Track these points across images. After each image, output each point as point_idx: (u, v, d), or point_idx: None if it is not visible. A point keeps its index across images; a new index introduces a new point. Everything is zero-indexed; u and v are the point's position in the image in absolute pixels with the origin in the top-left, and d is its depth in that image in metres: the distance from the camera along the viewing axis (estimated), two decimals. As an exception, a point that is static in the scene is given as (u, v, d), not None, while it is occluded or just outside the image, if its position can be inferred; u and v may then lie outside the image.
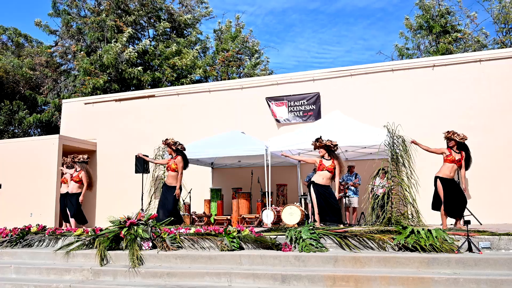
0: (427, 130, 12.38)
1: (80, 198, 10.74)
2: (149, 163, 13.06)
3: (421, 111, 12.87)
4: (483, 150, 11.61)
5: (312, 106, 13.95)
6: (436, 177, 8.74)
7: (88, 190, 10.96)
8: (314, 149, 9.54)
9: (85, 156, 11.15)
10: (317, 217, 8.96)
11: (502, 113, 12.22)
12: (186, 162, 10.09)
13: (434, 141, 11.69)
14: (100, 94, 21.10)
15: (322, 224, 8.74)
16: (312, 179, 9.32)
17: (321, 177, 9.14)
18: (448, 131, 8.85)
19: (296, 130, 12.31)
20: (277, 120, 14.24)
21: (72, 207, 10.75)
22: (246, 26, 28.98)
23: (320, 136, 9.37)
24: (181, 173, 9.88)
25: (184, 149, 10.20)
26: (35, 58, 26.09)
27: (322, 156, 9.30)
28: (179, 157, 9.93)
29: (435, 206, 8.87)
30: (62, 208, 11.23)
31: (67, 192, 10.99)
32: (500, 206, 11.50)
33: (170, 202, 9.74)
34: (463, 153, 8.79)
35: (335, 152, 9.39)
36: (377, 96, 13.40)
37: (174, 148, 10.04)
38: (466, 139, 8.77)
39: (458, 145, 8.78)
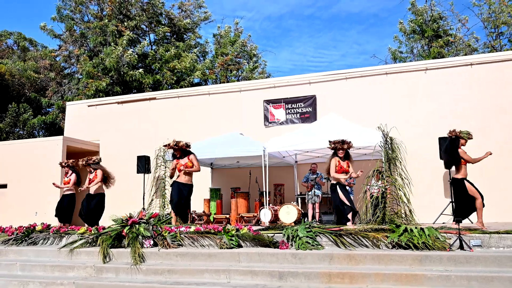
0: (420, 132, 12.44)
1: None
2: (150, 163, 13.04)
3: (415, 113, 12.89)
4: (476, 151, 11.54)
5: (309, 108, 13.96)
6: (462, 179, 8.37)
7: (105, 185, 10.67)
8: (338, 150, 9.21)
9: (98, 157, 10.99)
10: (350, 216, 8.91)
11: (494, 115, 12.25)
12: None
13: (427, 142, 11.79)
14: (102, 96, 21.11)
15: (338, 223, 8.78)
16: (335, 182, 9.14)
17: (342, 178, 9.11)
18: (455, 131, 8.58)
19: (293, 131, 12.31)
20: (275, 122, 14.25)
21: (92, 207, 10.38)
22: (245, 31, 29.09)
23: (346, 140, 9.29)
24: (199, 167, 9.92)
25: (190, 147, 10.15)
26: (39, 61, 26.10)
27: (340, 158, 9.18)
28: (193, 155, 9.88)
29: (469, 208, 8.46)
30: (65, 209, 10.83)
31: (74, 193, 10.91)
32: (492, 206, 11.50)
33: (182, 197, 9.69)
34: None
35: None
36: (372, 98, 13.41)
37: (188, 149, 9.94)
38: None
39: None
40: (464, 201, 8.32)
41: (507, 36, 23.38)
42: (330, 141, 9.32)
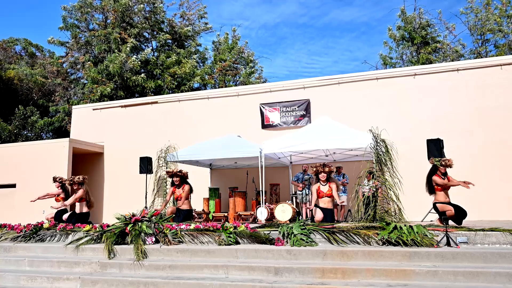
0: (409, 134, 12.47)
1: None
2: (152, 164, 13.04)
3: (404, 116, 12.92)
4: (462, 152, 11.66)
5: (303, 111, 13.98)
6: (434, 203, 8.43)
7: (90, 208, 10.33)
8: (320, 173, 9.28)
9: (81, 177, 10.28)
10: None
11: (479, 118, 12.30)
12: (192, 190, 10.38)
13: (416, 144, 11.81)
14: (107, 100, 21.08)
15: None
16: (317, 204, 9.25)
17: (323, 203, 9.15)
18: (444, 160, 8.44)
19: (288, 134, 12.31)
20: (271, 125, 14.26)
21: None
22: (242, 38, 29.14)
23: (325, 163, 9.35)
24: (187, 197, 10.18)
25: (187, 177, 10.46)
26: (46, 67, 26.07)
27: (320, 182, 9.24)
28: (187, 187, 10.17)
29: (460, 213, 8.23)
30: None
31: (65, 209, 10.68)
32: (477, 204, 11.53)
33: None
34: (449, 177, 8.46)
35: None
36: (363, 102, 13.43)
37: (180, 174, 10.20)
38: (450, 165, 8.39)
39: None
40: (456, 208, 8.21)
41: (492, 42, 23.49)
42: (311, 167, 9.38)
